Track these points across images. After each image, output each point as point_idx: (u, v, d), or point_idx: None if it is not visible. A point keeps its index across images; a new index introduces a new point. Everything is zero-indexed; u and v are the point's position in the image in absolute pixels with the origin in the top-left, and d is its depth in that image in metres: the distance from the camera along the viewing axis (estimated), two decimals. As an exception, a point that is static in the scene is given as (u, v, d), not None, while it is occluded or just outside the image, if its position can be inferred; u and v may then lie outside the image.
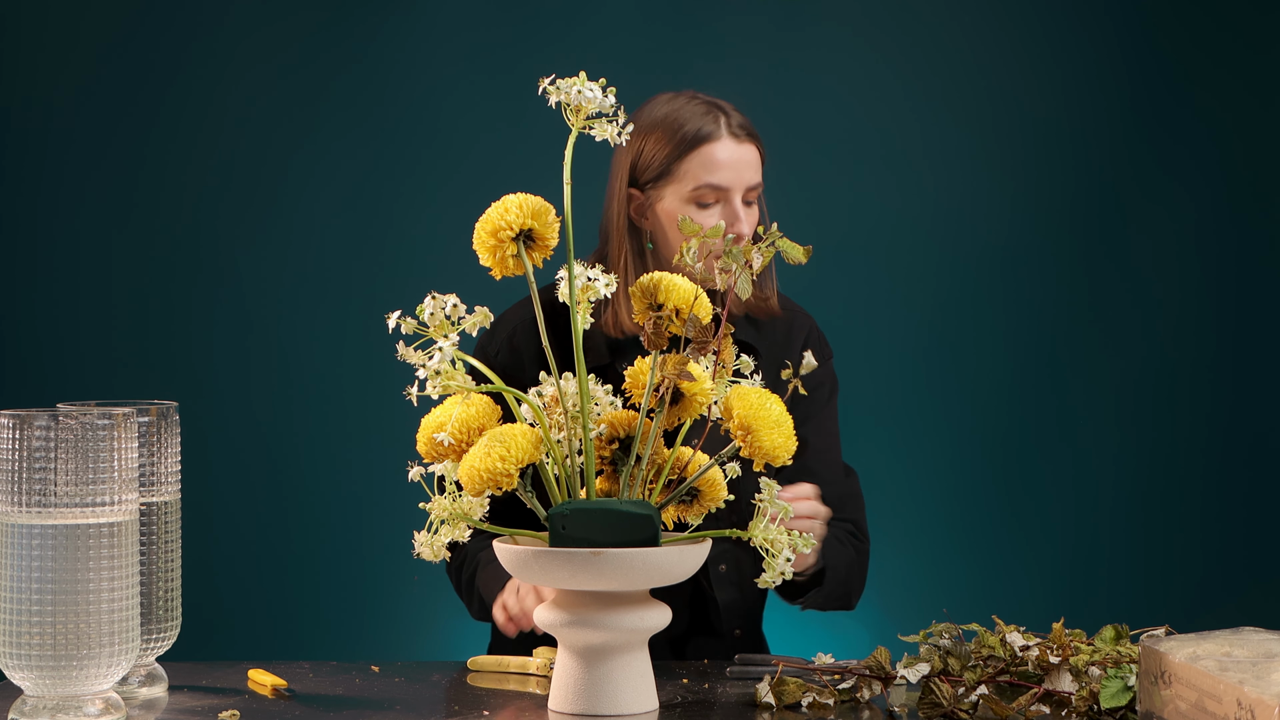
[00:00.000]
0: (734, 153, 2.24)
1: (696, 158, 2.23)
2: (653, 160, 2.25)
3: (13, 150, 3.67)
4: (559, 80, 1.75)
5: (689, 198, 2.24)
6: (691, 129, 2.24)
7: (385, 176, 3.73)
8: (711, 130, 2.24)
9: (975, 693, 1.80)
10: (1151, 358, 3.79)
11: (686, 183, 2.24)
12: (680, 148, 2.23)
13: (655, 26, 3.72)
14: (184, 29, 3.68)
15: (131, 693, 1.89)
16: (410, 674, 2.03)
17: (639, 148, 2.26)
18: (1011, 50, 3.78)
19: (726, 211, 2.24)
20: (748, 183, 2.25)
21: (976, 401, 3.80)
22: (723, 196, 2.24)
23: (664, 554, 1.74)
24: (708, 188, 2.23)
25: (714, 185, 2.23)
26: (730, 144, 2.24)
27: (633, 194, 2.28)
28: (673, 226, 2.25)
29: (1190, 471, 3.81)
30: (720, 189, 2.23)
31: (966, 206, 3.79)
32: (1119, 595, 3.77)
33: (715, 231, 1.81)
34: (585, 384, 1.79)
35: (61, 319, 3.69)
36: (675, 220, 2.24)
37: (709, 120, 2.24)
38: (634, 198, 2.28)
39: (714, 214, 2.24)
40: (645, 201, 2.28)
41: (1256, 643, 1.64)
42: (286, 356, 3.72)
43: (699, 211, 2.24)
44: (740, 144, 2.25)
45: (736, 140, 2.24)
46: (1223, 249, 3.79)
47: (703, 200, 2.24)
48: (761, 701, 1.84)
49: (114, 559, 1.70)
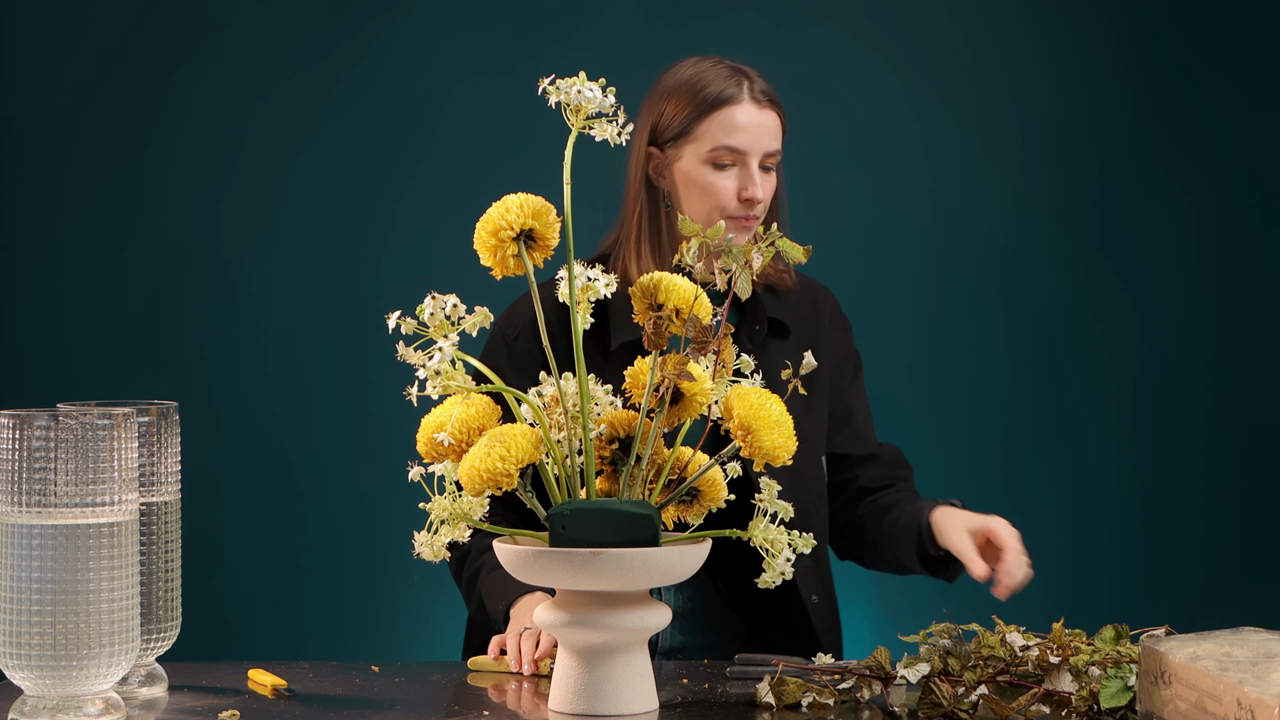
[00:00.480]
0: (754, 117, 2.26)
1: (716, 119, 2.25)
2: (673, 120, 2.27)
3: (13, 150, 3.67)
4: (559, 80, 1.76)
5: (706, 158, 2.25)
6: (713, 91, 2.26)
7: (386, 176, 3.73)
8: (733, 93, 2.26)
9: (975, 693, 1.80)
10: (1151, 357, 3.79)
11: (705, 143, 2.25)
12: (701, 108, 2.26)
13: (655, 27, 3.72)
14: (185, 30, 3.68)
15: (131, 693, 1.89)
16: (410, 674, 2.03)
17: (661, 108, 2.29)
18: (1011, 50, 3.78)
19: (743, 174, 2.26)
20: (766, 148, 2.26)
21: (976, 401, 3.80)
22: (740, 160, 2.26)
23: (664, 554, 1.74)
24: (725, 149, 2.25)
25: (731, 147, 2.25)
26: (751, 108, 2.26)
27: (651, 152, 2.30)
28: (689, 186, 2.27)
29: (1190, 471, 3.81)
30: (738, 151, 2.25)
31: (966, 206, 3.78)
32: (1119, 595, 3.77)
33: (715, 231, 1.81)
34: (585, 384, 1.79)
35: (62, 319, 3.69)
36: (692, 180, 2.27)
37: (731, 84, 2.26)
38: (653, 156, 2.30)
39: (730, 176, 2.25)
40: (663, 160, 2.30)
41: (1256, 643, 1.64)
42: (287, 356, 3.72)
43: (715, 172, 2.25)
44: (761, 109, 2.26)
45: (757, 105, 2.26)
46: (1222, 249, 3.79)
47: (719, 161, 2.25)
48: (761, 701, 1.84)
49: (114, 559, 1.70)
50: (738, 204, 2.26)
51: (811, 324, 2.39)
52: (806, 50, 3.75)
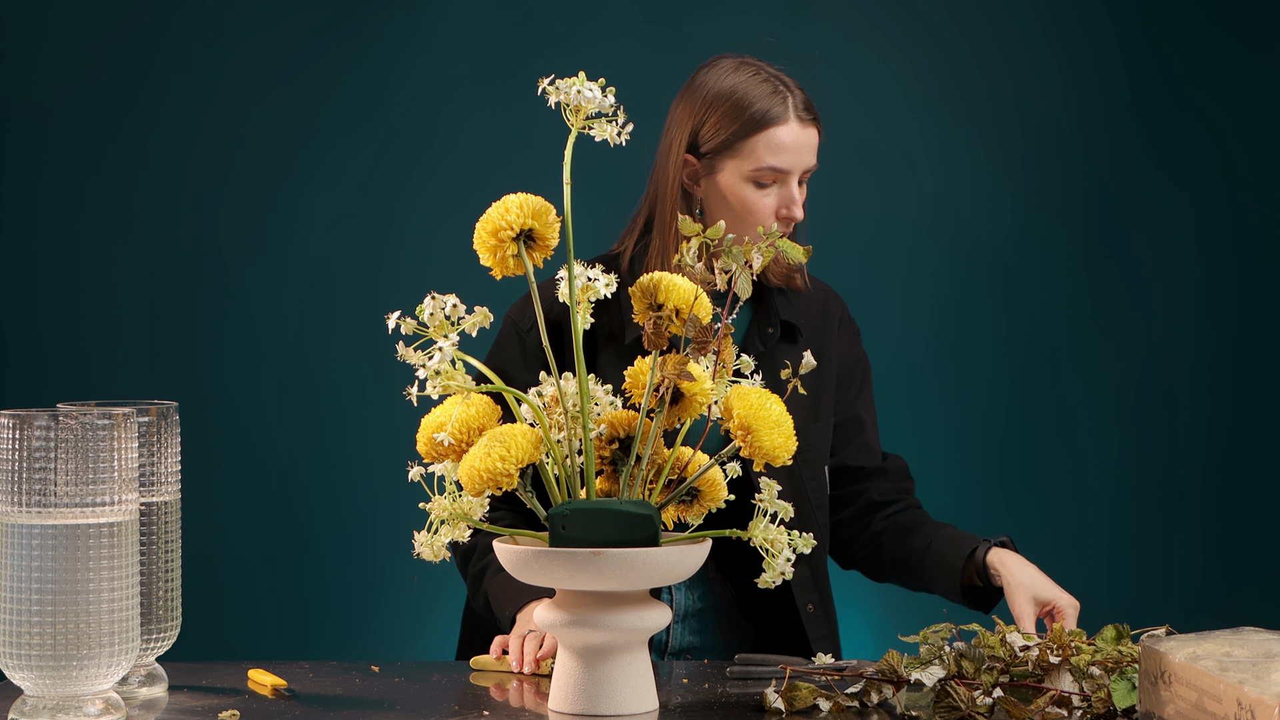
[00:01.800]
0: (798, 136, 2.26)
1: (762, 139, 2.24)
2: (715, 133, 2.26)
3: (12, 150, 3.67)
4: (558, 80, 1.76)
5: (749, 176, 2.25)
6: (760, 109, 2.25)
7: (386, 176, 3.73)
8: (779, 113, 2.25)
9: (991, 695, 1.78)
10: (1151, 357, 3.79)
11: (749, 162, 2.25)
12: (747, 127, 2.24)
13: (655, 28, 3.72)
14: (184, 30, 3.68)
15: (131, 693, 1.89)
16: (410, 674, 2.03)
17: (702, 117, 2.27)
18: (1011, 50, 3.78)
19: (783, 193, 2.26)
20: (806, 165, 2.27)
21: (976, 401, 3.80)
22: (782, 179, 2.26)
23: (664, 554, 1.74)
24: (769, 170, 2.25)
25: (775, 168, 2.25)
26: (796, 127, 2.26)
27: (688, 159, 2.28)
28: (728, 201, 2.26)
29: (1190, 471, 3.80)
30: (781, 171, 2.25)
31: (966, 206, 3.78)
32: (1119, 595, 3.77)
33: (715, 231, 1.81)
34: (585, 384, 1.79)
35: (62, 319, 3.69)
36: (731, 193, 2.26)
37: (776, 101, 2.25)
38: (689, 164, 2.29)
39: (771, 194, 2.26)
40: (699, 170, 2.28)
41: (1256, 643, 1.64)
42: (287, 356, 3.72)
43: (756, 190, 2.25)
44: (805, 127, 2.27)
45: (802, 124, 2.26)
46: (1222, 249, 3.79)
47: (761, 180, 2.25)
48: (771, 707, 1.82)
49: (114, 559, 1.70)
50: (777, 221, 2.26)
51: (821, 329, 2.39)
52: (806, 50, 3.75)
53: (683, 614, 2.32)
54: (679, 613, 2.32)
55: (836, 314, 2.42)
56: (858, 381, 2.42)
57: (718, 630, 2.33)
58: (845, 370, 2.41)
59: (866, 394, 2.44)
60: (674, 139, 2.29)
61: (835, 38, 3.75)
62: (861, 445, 2.39)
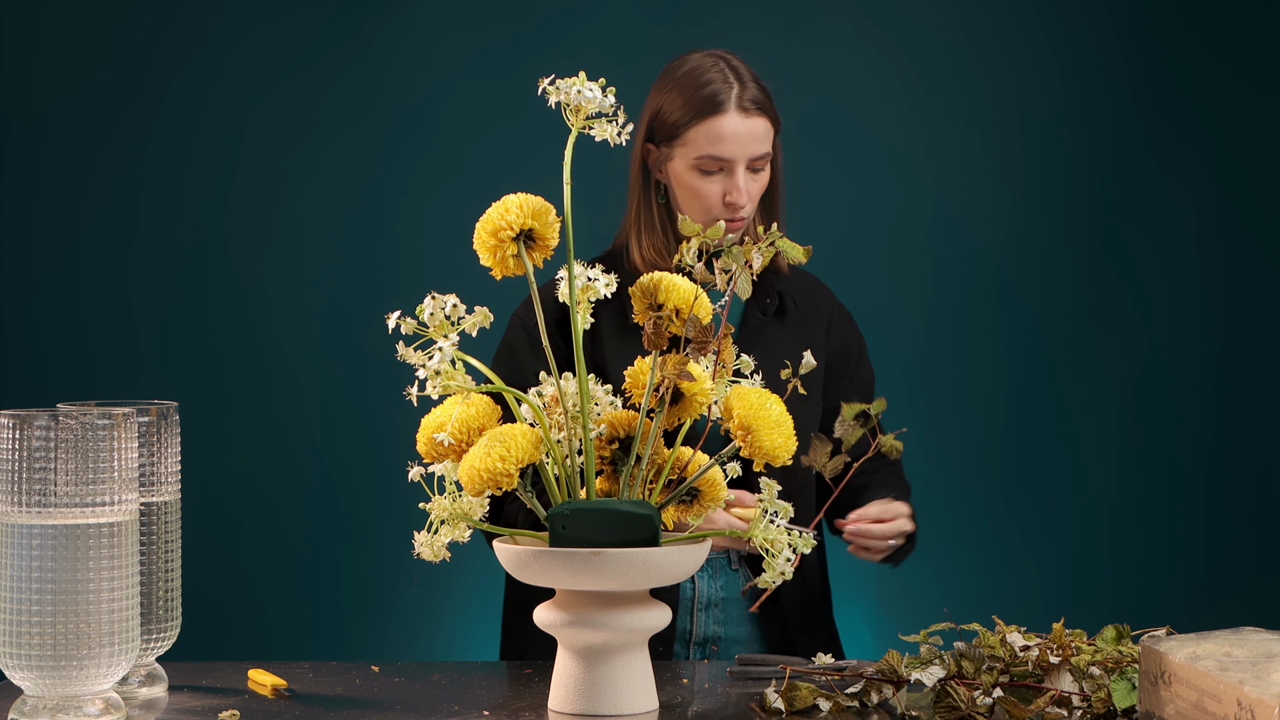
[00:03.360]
0: (738, 126, 2.29)
1: (703, 128, 2.29)
2: (667, 119, 2.32)
3: (13, 150, 3.67)
4: (559, 80, 1.76)
5: (693, 164, 2.31)
6: (701, 98, 2.30)
7: (386, 176, 3.73)
8: (721, 103, 2.29)
9: (992, 695, 1.78)
10: (1151, 357, 3.79)
11: (692, 149, 2.30)
12: (690, 114, 2.30)
13: (655, 27, 3.72)
14: (185, 29, 3.68)
15: (131, 693, 1.89)
16: (410, 674, 2.03)
17: (657, 105, 2.34)
18: (1011, 50, 3.78)
19: (728, 181, 2.30)
20: (751, 154, 2.30)
21: (976, 400, 3.80)
22: (725, 166, 2.30)
23: (664, 554, 1.74)
24: (710, 158, 2.29)
25: (716, 156, 2.29)
26: (736, 118, 2.29)
27: (649, 148, 2.35)
28: (679, 186, 2.33)
29: (1190, 471, 3.80)
30: (723, 160, 2.29)
31: (965, 206, 3.78)
32: (1119, 595, 3.77)
33: (715, 231, 1.81)
34: (585, 384, 1.79)
35: (62, 319, 3.69)
36: (682, 182, 2.32)
37: (720, 90, 2.29)
38: (649, 151, 2.35)
39: (717, 180, 2.31)
40: (659, 156, 2.35)
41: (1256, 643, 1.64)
42: (287, 356, 3.72)
43: (702, 177, 2.30)
44: (747, 117, 2.29)
45: (744, 114, 2.29)
46: (1223, 250, 3.79)
47: (705, 168, 2.30)
48: (771, 707, 1.82)
49: (114, 559, 1.70)
50: (723, 207, 2.31)
51: (811, 313, 2.44)
52: (806, 50, 3.75)
53: (706, 603, 2.33)
54: (702, 601, 2.33)
55: (825, 302, 2.47)
56: (851, 366, 2.47)
57: (743, 621, 2.34)
58: (836, 357, 2.45)
59: (860, 378, 2.48)
60: (639, 125, 2.36)
61: (835, 38, 3.75)
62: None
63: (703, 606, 2.34)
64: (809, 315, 2.43)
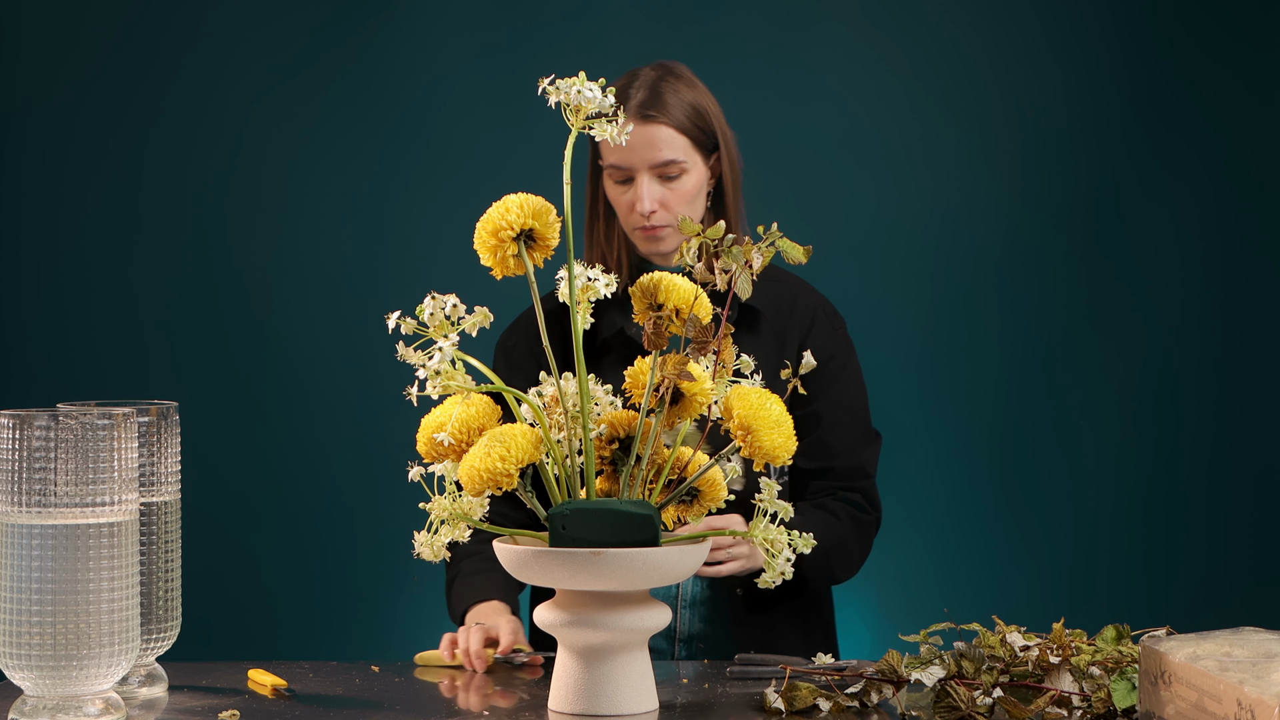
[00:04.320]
0: (632, 135, 2.27)
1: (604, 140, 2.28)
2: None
3: (13, 150, 3.67)
4: (558, 80, 1.76)
5: (606, 174, 2.32)
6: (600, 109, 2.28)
7: (386, 176, 3.73)
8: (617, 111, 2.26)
9: (992, 695, 1.78)
10: (1152, 357, 3.79)
11: (605, 160, 2.32)
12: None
13: (655, 27, 3.72)
14: (185, 28, 3.68)
15: (131, 693, 1.89)
16: (410, 674, 2.03)
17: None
18: (1011, 49, 3.78)
19: (633, 190, 2.30)
20: (650, 161, 2.29)
21: (976, 400, 3.80)
22: (629, 175, 2.30)
23: (664, 554, 1.74)
24: (612, 166, 2.31)
25: (615, 165, 2.30)
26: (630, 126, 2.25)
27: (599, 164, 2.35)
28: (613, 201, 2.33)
29: (1190, 472, 3.80)
30: (622, 169, 2.30)
31: (965, 206, 3.78)
32: (1119, 595, 3.77)
33: (715, 231, 1.81)
34: (585, 384, 1.79)
35: (63, 319, 3.69)
36: (609, 195, 2.33)
37: (621, 100, 2.28)
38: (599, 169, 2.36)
39: (629, 190, 2.31)
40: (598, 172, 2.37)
41: (1256, 643, 1.64)
42: (287, 356, 3.72)
43: (616, 188, 2.31)
44: (641, 125, 2.28)
45: (640, 121, 2.28)
46: (1224, 248, 3.78)
47: (614, 178, 2.32)
48: (771, 707, 1.82)
49: (114, 559, 1.70)
50: (635, 216, 2.30)
51: (788, 322, 2.38)
52: (806, 50, 3.75)
53: (690, 601, 2.33)
54: (686, 599, 2.33)
55: (809, 309, 2.40)
56: (826, 378, 2.37)
57: (730, 623, 2.33)
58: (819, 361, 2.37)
59: (838, 389, 2.39)
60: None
61: (834, 37, 3.75)
62: (813, 442, 2.34)
63: (688, 604, 2.34)
64: (785, 322, 2.38)
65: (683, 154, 2.29)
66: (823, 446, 2.35)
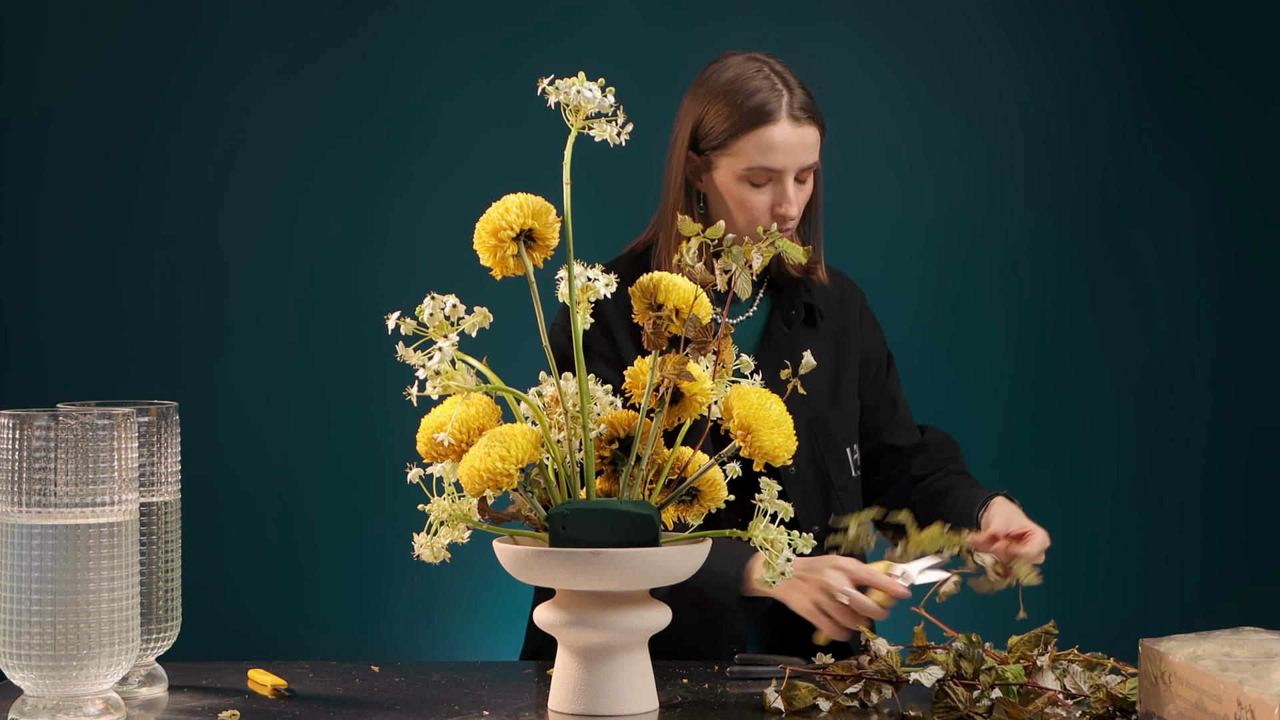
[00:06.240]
0: (790, 135, 2.24)
1: (753, 138, 2.23)
2: (713, 129, 2.26)
3: (12, 150, 3.67)
4: (558, 80, 1.75)
5: (741, 175, 2.25)
6: (752, 107, 2.24)
7: (386, 176, 3.73)
8: (772, 110, 2.24)
9: (990, 695, 1.78)
10: (1152, 357, 3.79)
11: (741, 160, 2.24)
12: (739, 124, 2.24)
13: (656, 28, 3.72)
14: (184, 29, 3.68)
15: (131, 693, 1.89)
16: (410, 674, 2.03)
17: (701, 113, 2.27)
18: (1011, 50, 3.78)
19: (777, 191, 2.26)
20: (801, 164, 2.26)
21: (977, 400, 3.80)
22: (776, 177, 2.25)
23: (664, 554, 1.74)
24: (761, 169, 2.24)
25: (766, 167, 2.24)
26: (788, 127, 2.24)
27: (690, 156, 2.29)
28: (727, 199, 2.27)
29: (1190, 472, 3.80)
30: (773, 170, 2.25)
31: (966, 206, 3.78)
32: (1119, 595, 3.77)
33: (715, 231, 1.81)
34: (585, 384, 1.79)
35: (62, 319, 3.69)
36: (729, 193, 2.27)
37: (770, 99, 2.24)
38: (691, 160, 2.29)
39: (765, 192, 2.26)
40: (701, 165, 2.29)
41: (1256, 643, 1.64)
42: (287, 356, 3.72)
43: (751, 189, 2.25)
44: (799, 126, 2.25)
45: (795, 123, 2.25)
46: (1223, 249, 3.79)
47: (755, 180, 2.25)
48: (771, 707, 1.82)
49: (114, 559, 1.70)
50: (771, 219, 2.26)
51: (841, 316, 2.42)
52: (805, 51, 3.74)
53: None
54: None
55: (856, 303, 2.45)
56: (885, 365, 2.46)
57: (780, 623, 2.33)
58: (871, 355, 2.44)
59: (894, 377, 2.48)
60: (678, 134, 2.31)
61: (836, 37, 3.75)
62: (898, 424, 2.43)
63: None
64: (840, 315, 2.41)
65: (818, 155, 2.29)
66: (907, 427, 2.44)
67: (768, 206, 2.25)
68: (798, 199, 2.26)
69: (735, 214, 2.27)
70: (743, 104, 2.24)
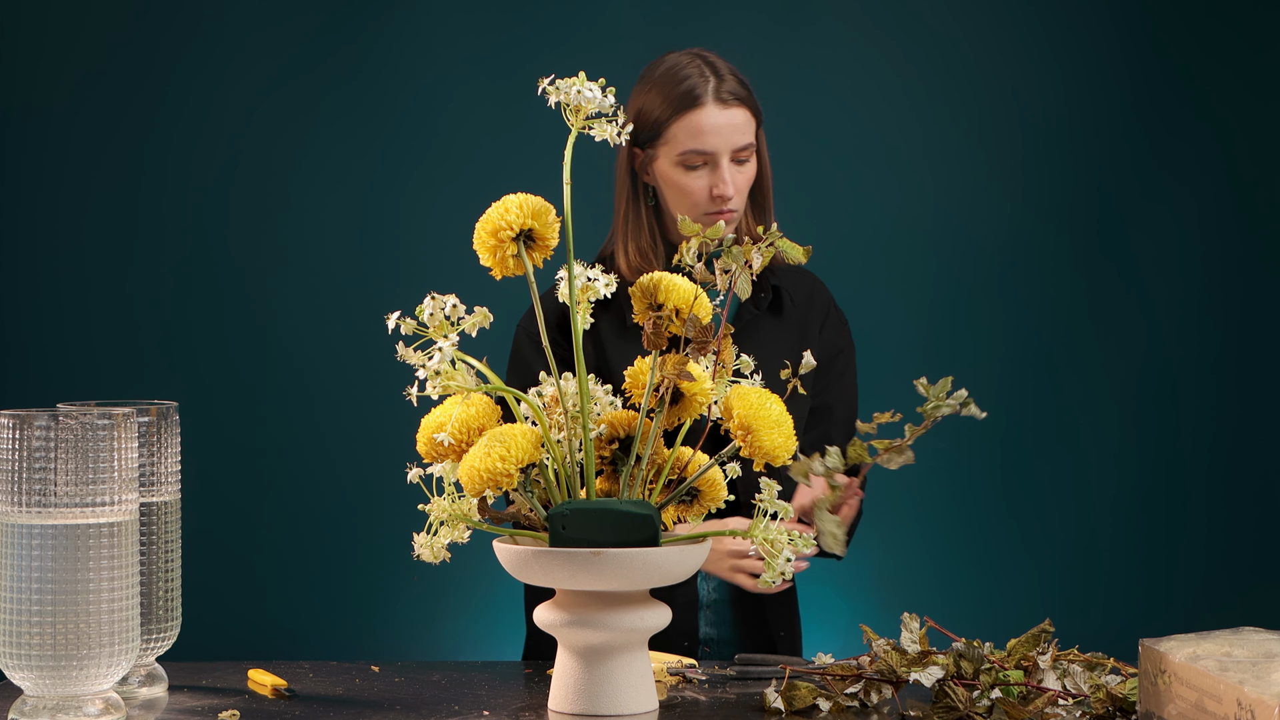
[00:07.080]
0: (718, 118, 2.29)
1: (683, 123, 2.29)
2: (648, 119, 2.32)
3: (13, 150, 3.67)
4: (558, 80, 1.75)
5: (677, 160, 2.31)
6: (680, 92, 2.30)
7: (386, 176, 3.73)
8: (699, 95, 2.29)
9: (991, 695, 1.78)
10: (1152, 357, 3.79)
11: (675, 146, 2.30)
12: (669, 110, 2.30)
13: (656, 28, 3.72)
14: (185, 29, 3.68)
15: (131, 693, 1.89)
16: (410, 674, 2.03)
17: (638, 105, 2.34)
18: (1011, 49, 3.78)
19: (713, 175, 2.30)
20: (733, 145, 2.30)
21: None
22: (709, 160, 2.30)
23: (664, 554, 1.74)
24: (693, 152, 2.30)
25: (698, 150, 2.30)
26: (715, 110, 2.29)
27: (635, 152, 2.35)
28: (669, 187, 2.33)
29: (1190, 472, 3.80)
30: (705, 153, 2.30)
31: (966, 205, 3.78)
32: (1119, 595, 3.77)
33: (715, 231, 1.81)
34: (585, 384, 1.79)
35: (62, 319, 3.69)
36: (669, 180, 2.32)
37: (698, 84, 2.29)
38: (636, 155, 2.35)
39: (702, 175, 2.30)
40: (645, 159, 2.35)
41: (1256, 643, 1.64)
42: (287, 356, 3.72)
43: (688, 173, 2.30)
44: (726, 108, 2.30)
45: (722, 105, 2.30)
46: (1224, 249, 3.79)
47: (689, 164, 2.30)
48: (770, 707, 1.82)
49: (114, 559, 1.70)
50: (710, 201, 2.31)
51: (806, 311, 2.43)
52: (806, 49, 3.75)
53: (700, 605, 2.34)
54: (700, 603, 2.34)
55: (822, 301, 2.46)
56: (837, 370, 2.44)
57: (735, 624, 2.34)
58: (826, 356, 2.43)
59: (845, 384, 2.46)
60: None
61: (835, 37, 3.76)
62: (820, 435, 2.39)
63: (700, 607, 2.35)
64: (805, 311, 2.43)
65: (753, 138, 2.33)
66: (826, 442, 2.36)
67: (706, 190, 2.30)
68: (736, 181, 2.30)
69: (678, 200, 2.32)
70: (672, 91, 2.30)
